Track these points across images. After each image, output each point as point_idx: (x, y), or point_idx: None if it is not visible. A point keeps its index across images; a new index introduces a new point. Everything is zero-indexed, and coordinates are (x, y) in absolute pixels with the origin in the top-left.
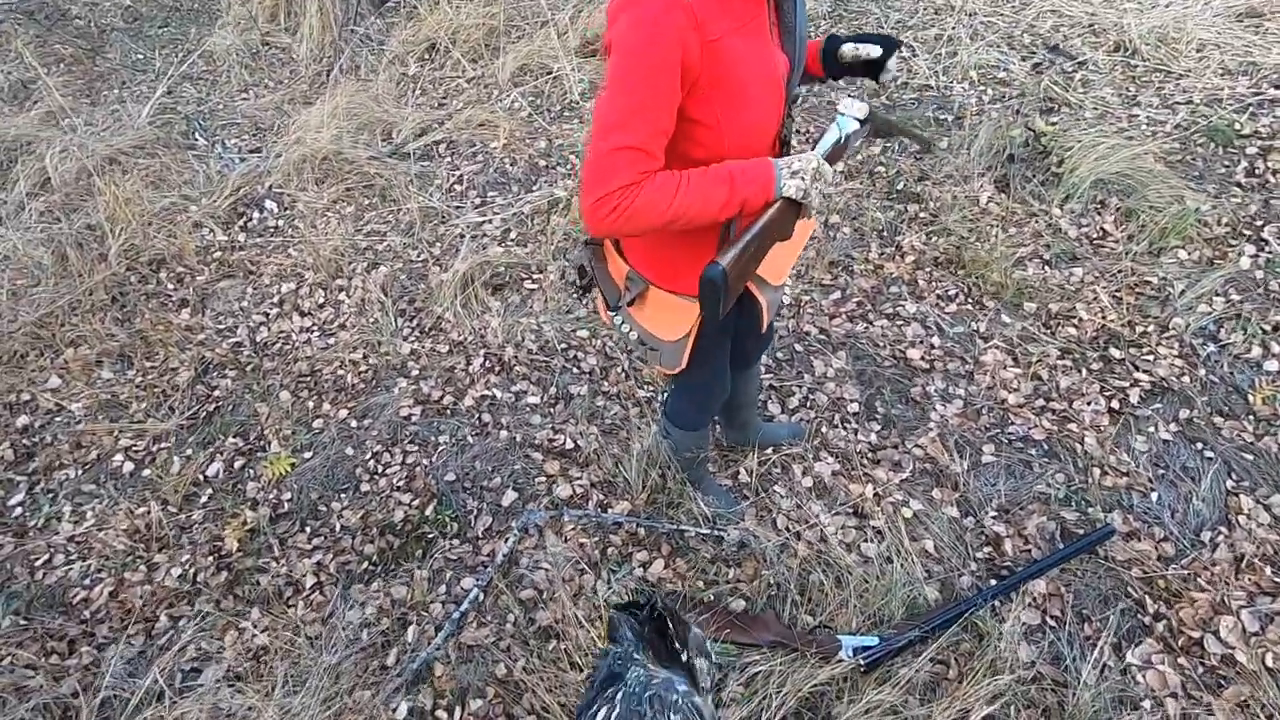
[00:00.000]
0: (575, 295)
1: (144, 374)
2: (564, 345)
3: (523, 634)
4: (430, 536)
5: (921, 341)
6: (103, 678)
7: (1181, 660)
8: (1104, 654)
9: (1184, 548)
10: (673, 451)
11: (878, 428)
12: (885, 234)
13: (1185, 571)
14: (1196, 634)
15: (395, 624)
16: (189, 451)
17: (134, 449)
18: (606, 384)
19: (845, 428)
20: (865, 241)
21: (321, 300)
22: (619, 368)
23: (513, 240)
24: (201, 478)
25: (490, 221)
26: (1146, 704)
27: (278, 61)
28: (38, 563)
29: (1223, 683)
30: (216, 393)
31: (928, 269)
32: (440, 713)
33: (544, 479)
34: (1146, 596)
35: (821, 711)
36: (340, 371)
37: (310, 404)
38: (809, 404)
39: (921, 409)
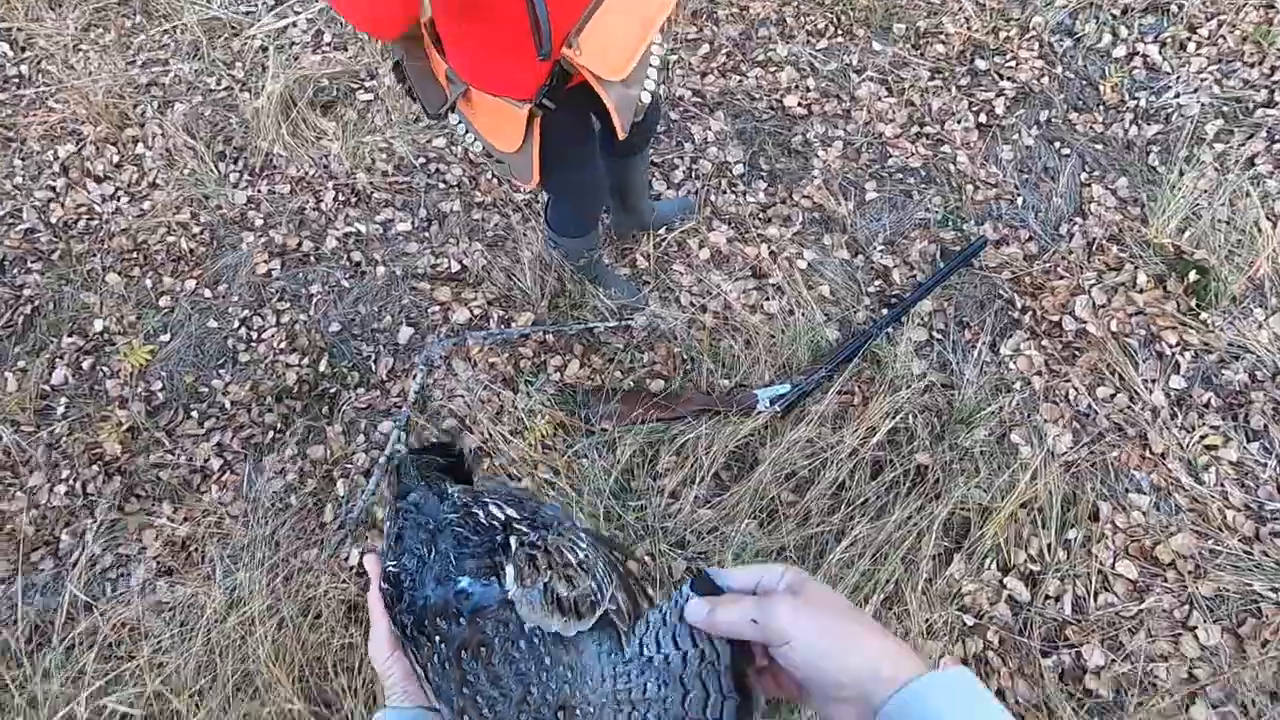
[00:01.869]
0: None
1: None
2: (422, 159)
3: None
4: (332, 391)
5: (797, 86)
6: (18, 609)
7: (1045, 343)
8: (982, 353)
9: (1046, 244)
10: (565, 258)
11: (764, 185)
12: None
13: (1047, 265)
14: (1056, 317)
15: (322, 482)
16: (20, 364)
17: None
18: (479, 194)
19: (733, 192)
20: None
21: (116, 159)
22: (488, 174)
23: (329, 45)
24: (48, 389)
25: (295, 25)
26: (1017, 385)
27: None
28: None
29: (1077, 354)
30: (26, 291)
31: (795, 3)
32: None
33: (437, 308)
34: (1015, 294)
35: (748, 459)
36: (170, 238)
37: (148, 282)
38: (694, 174)
39: (804, 158)
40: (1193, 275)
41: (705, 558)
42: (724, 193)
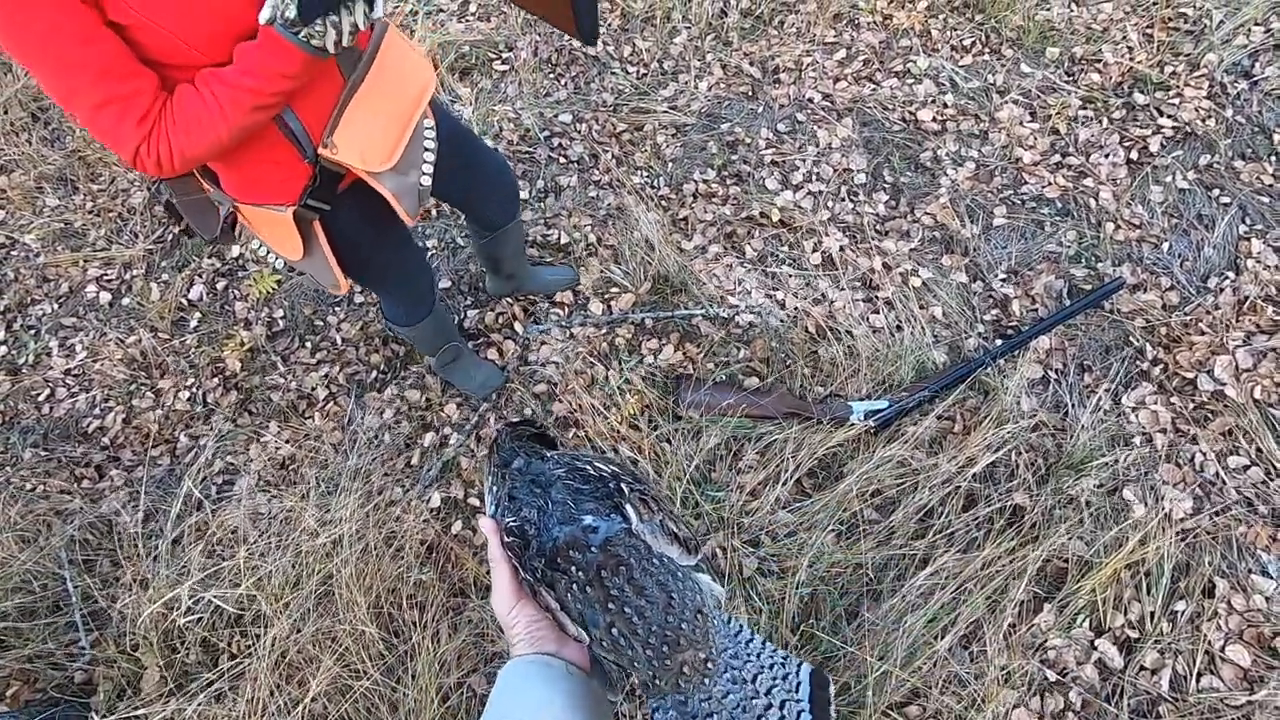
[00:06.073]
0: (170, 229)
1: (93, 198)
2: (547, 133)
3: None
4: None
5: (933, 101)
6: (140, 495)
7: (1174, 399)
8: (1102, 401)
9: (1189, 295)
10: (417, 349)
11: (885, 197)
12: None
13: (1188, 318)
14: (1191, 375)
15: (415, 425)
16: (165, 276)
17: (105, 278)
18: (597, 173)
19: (852, 200)
20: None
21: None
22: (609, 153)
23: (473, 15)
24: (185, 302)
25: None
26: (1137, 440)
27: None
28: (40, 398)
29: (1210, 416)
30: None
31: (942, 16)
32: (473, 499)
33: None
34: (1147, 344)
35: (835, 470)
36: None
37: None
38: (814, 177)
39: (931, 174)
40: None
41: (778, 560)
42: (843, 200)
